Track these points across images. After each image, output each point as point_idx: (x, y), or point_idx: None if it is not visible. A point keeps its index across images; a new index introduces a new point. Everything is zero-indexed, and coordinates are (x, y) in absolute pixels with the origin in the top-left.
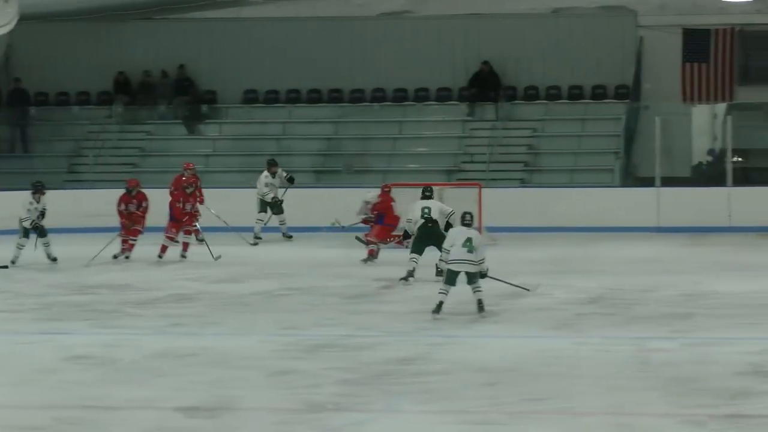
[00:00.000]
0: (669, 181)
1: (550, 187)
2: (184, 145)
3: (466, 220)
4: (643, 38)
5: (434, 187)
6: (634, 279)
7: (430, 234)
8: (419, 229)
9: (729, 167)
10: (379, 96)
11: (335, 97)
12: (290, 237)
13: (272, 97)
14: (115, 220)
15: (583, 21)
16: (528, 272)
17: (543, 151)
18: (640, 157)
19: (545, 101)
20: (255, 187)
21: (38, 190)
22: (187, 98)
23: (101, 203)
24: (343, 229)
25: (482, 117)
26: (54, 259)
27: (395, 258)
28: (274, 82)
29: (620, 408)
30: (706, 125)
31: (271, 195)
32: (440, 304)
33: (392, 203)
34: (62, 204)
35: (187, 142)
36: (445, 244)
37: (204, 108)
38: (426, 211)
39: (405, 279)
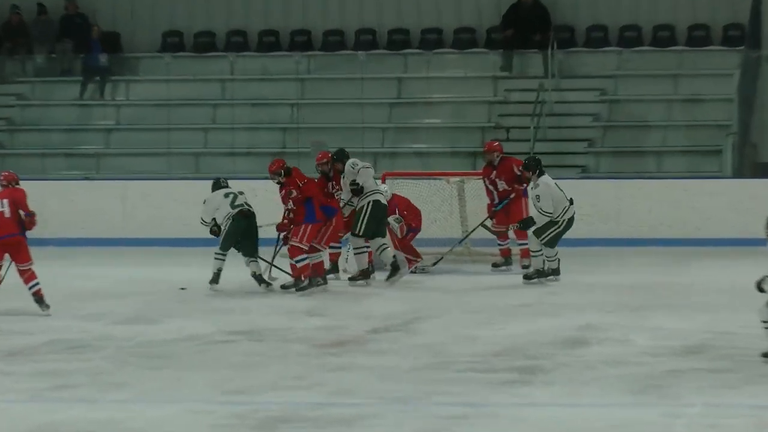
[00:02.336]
0: None
1: (627, 179)
2: (71, 114)
3: None
4: None
5: (453, 179)
6: (752, 317)
7: None
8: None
9: None
10: (366, 41)
11: (301, 42)
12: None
13: (206, 43)
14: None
15: None
16: (593, 307)
17: (615, 124)
18: (762, 133)
19: (618, 48)
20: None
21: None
22: (72, 43)
23: None
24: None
25: (523, 72)
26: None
27: (392, 291)
28: (209, 21)
29: None
30: None
31: None
32: None
33: None
34: None
35: (78, 110)
36: None
37: (102, 59)
38: None
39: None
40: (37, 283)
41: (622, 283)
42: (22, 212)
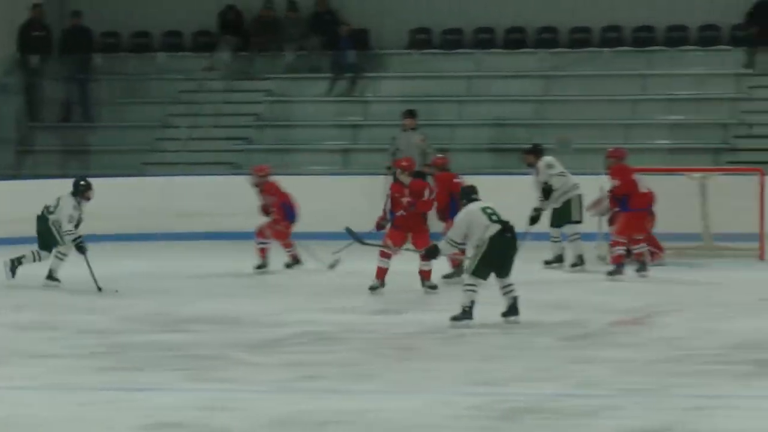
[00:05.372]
0: None
1: None
2: (317, 111)
3: None
4: None
5: (695, 175)
6: None
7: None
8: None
9: None
10: (612, 38)
11: (547, 39)
12: None
13: (453, 40)
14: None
15: None
16: None
17: None
18: None
19: None
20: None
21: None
22: (322, 39)
23: (200, 197)
24: None
25: (767, 69)
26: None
27: (635, 285)
28: (456, 18)
29: None
30: None
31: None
32: None
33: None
34: (143, 198)
35: (322, 105)
36: None
37: (351, 56)
38: (490, 211)
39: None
40: None
41: None
42: None
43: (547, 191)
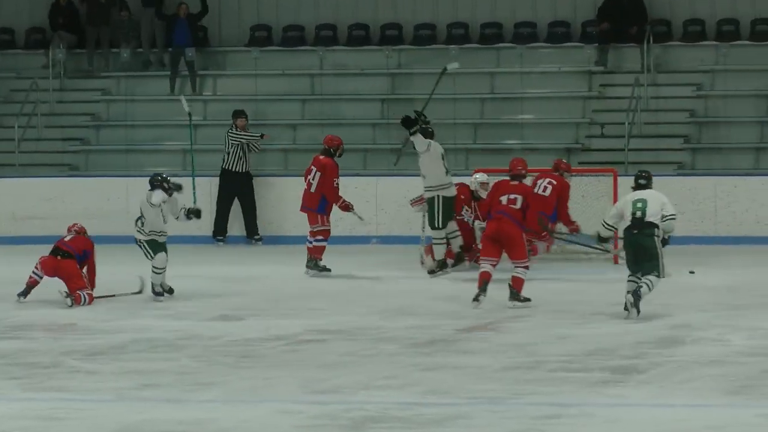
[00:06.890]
0: None
1: (724, 176)
2: (158, 110)
3: None
4: None
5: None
6: None
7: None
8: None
9: None
10: (458, 35)
11: (391, 36)
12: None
13: (295, 37)
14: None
15: None
16: (689, 307)
17: (713, 120)
18: None
19: (716, 42)
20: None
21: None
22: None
23: (34, 199)
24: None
25: (619, 67)
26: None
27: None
28: (297, 14)
29: None
30: None
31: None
32: None
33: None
34: None
35: (165, 105)
36: None
37: (189, 54)
38: (639, 205)
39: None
40: None
41: (719, 282)
42: None
43: None
